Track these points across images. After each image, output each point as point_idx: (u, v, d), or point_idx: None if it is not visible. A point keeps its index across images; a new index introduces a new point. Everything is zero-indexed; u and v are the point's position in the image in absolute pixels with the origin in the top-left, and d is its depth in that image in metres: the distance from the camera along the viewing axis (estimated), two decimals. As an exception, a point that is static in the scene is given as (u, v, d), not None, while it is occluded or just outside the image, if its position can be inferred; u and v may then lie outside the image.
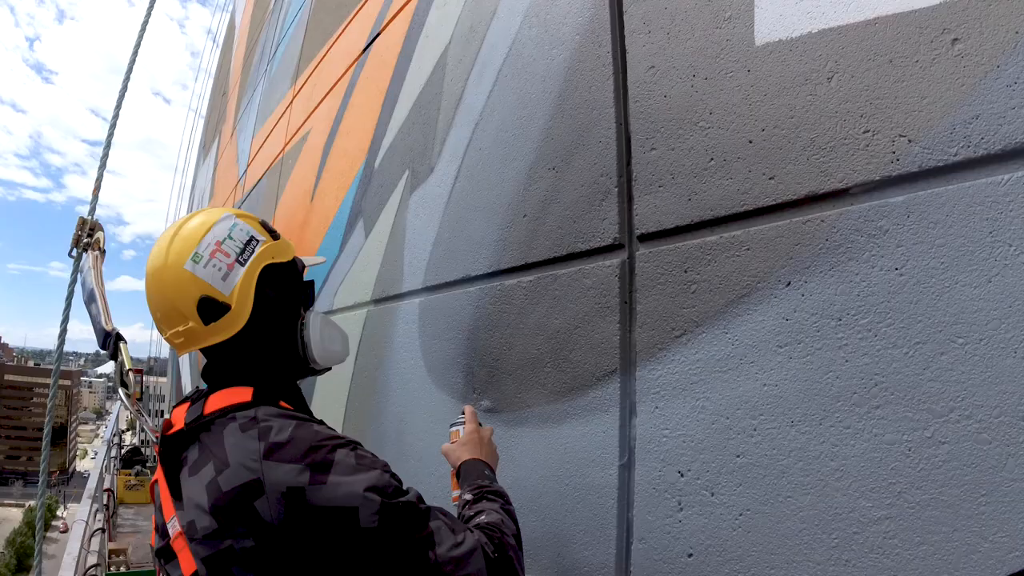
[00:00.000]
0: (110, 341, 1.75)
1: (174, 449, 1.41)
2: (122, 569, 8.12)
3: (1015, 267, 0.97)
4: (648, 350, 1.55)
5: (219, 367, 1.50)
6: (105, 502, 9.67)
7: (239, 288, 1.44)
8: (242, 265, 1.45)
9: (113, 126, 4.13)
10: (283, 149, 5.55)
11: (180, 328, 1.44)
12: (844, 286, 1.18)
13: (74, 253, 3.01)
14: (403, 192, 2.93)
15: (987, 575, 0.96)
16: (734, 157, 1.39)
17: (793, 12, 1.30)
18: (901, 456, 1.08)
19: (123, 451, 14.81)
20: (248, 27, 10.34)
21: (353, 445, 1.33)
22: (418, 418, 2.56)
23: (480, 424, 1.78)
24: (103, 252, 2.54)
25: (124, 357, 1.72)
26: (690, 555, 1.40)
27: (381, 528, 1.23)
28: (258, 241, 1.51)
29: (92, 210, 3.37)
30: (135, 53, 4.60)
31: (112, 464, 12.47)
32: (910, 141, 1.10)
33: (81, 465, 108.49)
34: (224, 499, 1.24)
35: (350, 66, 4.00)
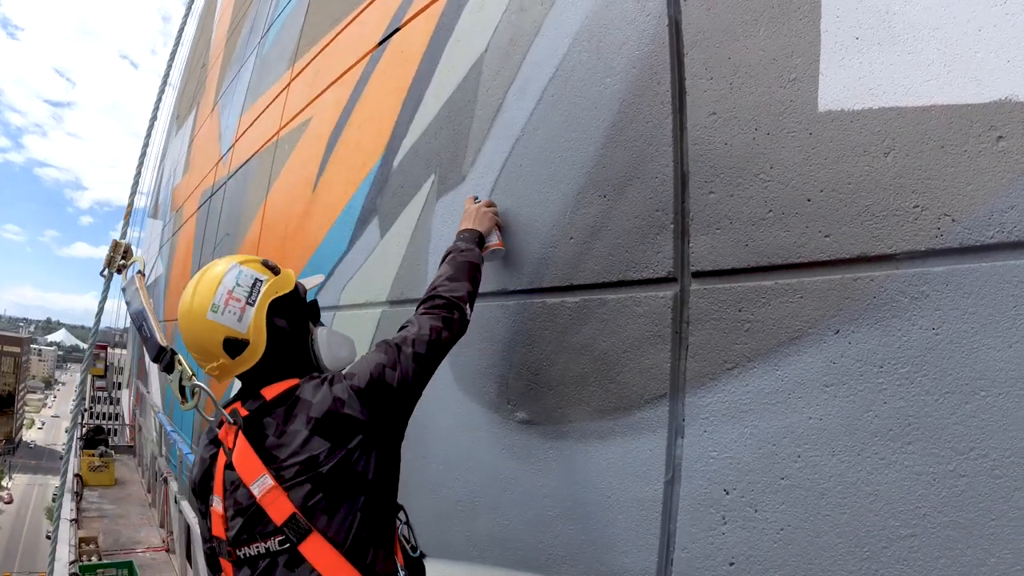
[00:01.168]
0: (165, 356, 2.07)
1: (249, 430, 1.88)
2: (94, 559, 8.19)
3: (1034, 337, 1.27)
4: (698, 378, 1.84)
5: (255, 384, 1.96)
6: (75, 488, 9.72)
7: (253, 324, 1.92)
8: (252, 305, 1.93)
9: (146, 145, 4.32)
10: (277, 133, 5.71)
11: (214, 364, 1.93)
12: (887, 339, 1.47)
13: (106, 273, 3.28)
14: (428, 196, 3.16)
15: None
16: (792, 212, 1.66)
17: (856, 86, 1.57)
18: (927, 485, 1.39)
19: (84, 431, 14.82)
20: (233, 1, 10.43)
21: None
22: (442, 423, 2.81)
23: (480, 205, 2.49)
24: (143, 274, 2.80)
25: (185, 367, 2.02)
26: (732, 563, 1.70)
27: (397, 369, 1.92)
28: (262, 281, 1.98)
29: (124, 234, 3.62)
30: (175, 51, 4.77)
31: (77, 446, 12.53)
32: (953, 220, 1.39)
33: (28, 435, 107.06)
34: (325, 420, 1.81)
35: (363, 57, 4.16)
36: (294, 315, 2.04)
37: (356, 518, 1.79)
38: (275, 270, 2.06)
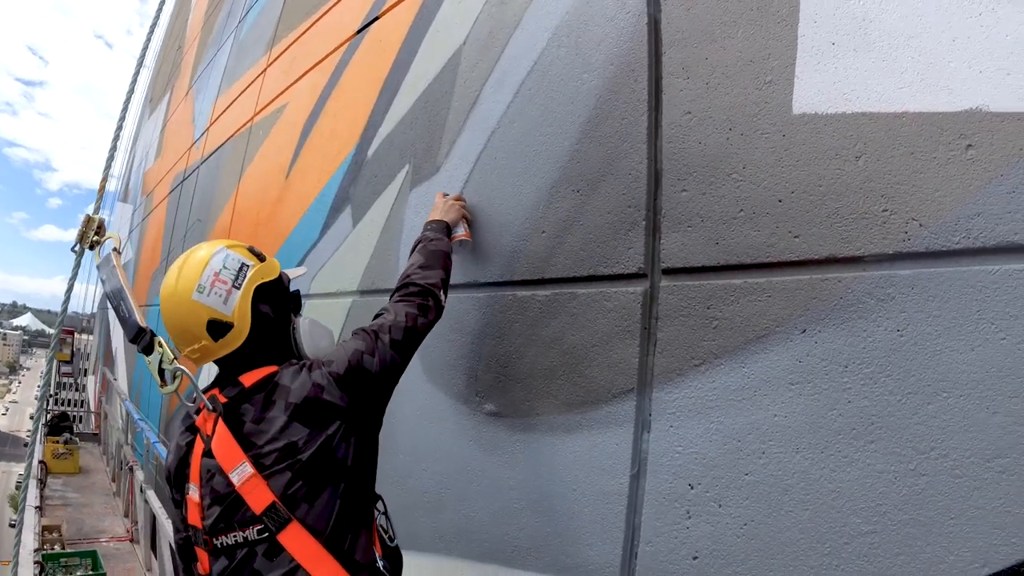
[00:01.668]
0: (144, 337, 2.04)
1: (228, 416, 1.86)
2: (56, 548, 8.07)
3: (995, 342, 1.29)
4: (666, 374, 1.85)
5: (234, 370, 1.94)
6: (39, 475, 9.58)
7: (238, 308, 1.92)
8: (238, 289, 1.93)
9: (122, 119, 4.23)
10: (252, 118, 5.66)
11: (196, 346, 1.92)
12: (853, 339, 1.49)
13: (77, 249, 3.20)
14: (402, 186, 3.15)
15: None
16: (763, 212, 1.68)
17: (830, 90, 1.59)
18: (888, 483, 1.41)
19: (49, 417, 14.59)
20: (213, -19, 10.30)
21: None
22: (410, 414, 2.81)
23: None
24: (119, 252, 2.75)
25: (166, 349, 2.00)
26: (695, 558, 1.71)
27: (376, 356, 1.93)
28: (248, 266, 1.99)
29: (97, 208, 3.53)
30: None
31: (41, 432, 12.34)
32: (921, 225, 1.41)
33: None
34: (304, 406, 1.81)
35: (341, 44, 4.13)
36: (278, 302, 2.05)
37: (336, 506, 1.78)
38: (261, 257, 2.06)
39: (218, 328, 1.90)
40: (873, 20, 1.54)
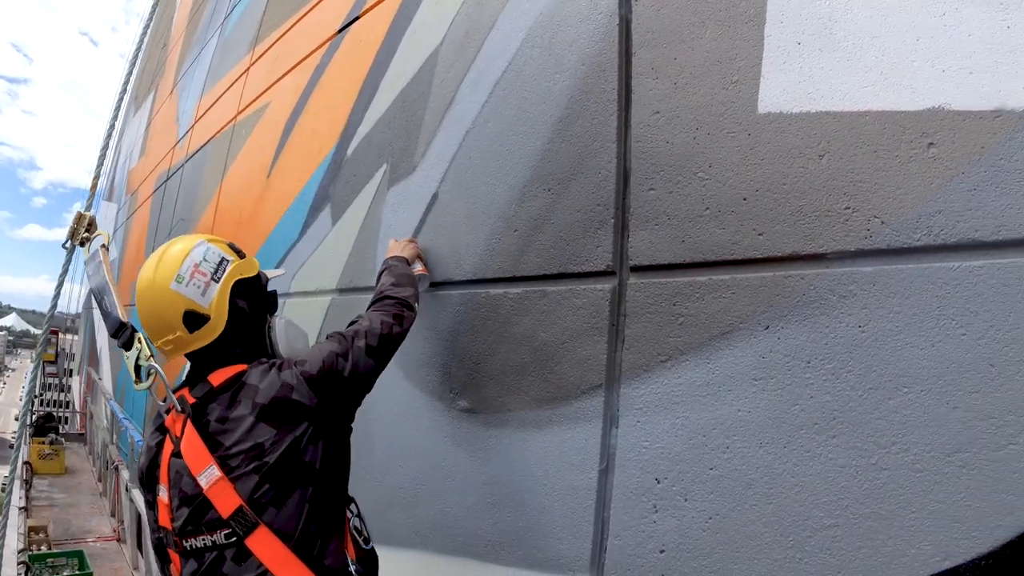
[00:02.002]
0: (124, 332, 2.03)
1: (196, 417, 1.83)
2: (43, 548, 8.00)
3: (955, 337, 1.29)
4: (633, 370, 1.84)
5: (205, 365, 1.92)
6: (25, 476, 9.49)
7: (216, 301, 1.91)
8: (217, 282, 1.92)
9: (115, 118, 4.19)
10: (235, 117, 5.63)
11: (169, 337, 1.89)
12: (815, 335, 1.49)
13: (68, 245, 3.18)
14: (379, 185, 3.13)
15: (913, 573, 1.31)
16: (728, 210, 1.67)
17: (795, 89, 1.59)
18: (850, 477, 1.41)
19: (35, 418, 14.47)
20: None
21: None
22: (387, 412, 2.79)
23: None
24: (107, 248, 2.72)
25: (144, 346, 1.98)
26: (662, 551, 1.71)
27: (349, 360, 1.91)
28: (228, 261, 1.97)
29: (89, 205, 3.50)
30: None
31: (27, 433, 12.23)
32: (883, 223, 1.41)
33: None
34: (272, 405, 1.78)
35: (322, 44, 4.10)
36: (255, 300, 2.03)
37: (304, 510, 1.76)
38: (241, 254, 2.05)
39: (194, 320, 1.88)
40: (838, 20, 1.54)
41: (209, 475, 1.74)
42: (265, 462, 1.73)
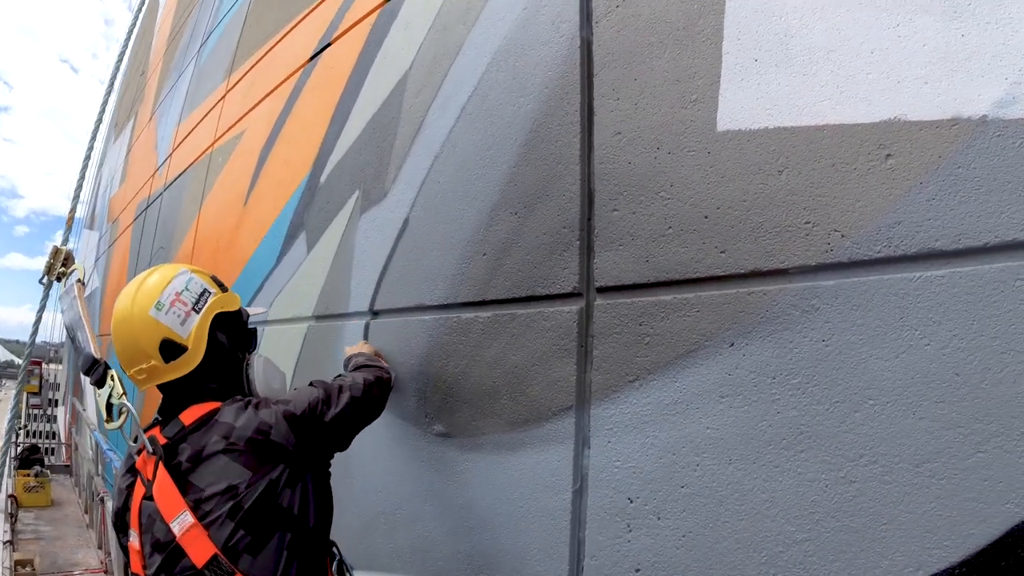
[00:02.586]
0: (97, 369, 1.97)
1: (168, 458, 1.75)
2: None
3: (918, 347, 1.28)
4: (602, 390, 1.82)
5: (179, 400, 1.85)
6: (9, 509, 9.33)
7: (195, 332, 1.84)
8: (197, 313, 1.86)
9: (91, 148, 4.16)
10: (212, 145, 5.59)
11: (144, 366, 1.81)
12: (780, 350, 1.47)
13: (45, 281, 3.13)
14: (352, 211, 3.11)
15: None
16: (690, 228, 1.66)
17: (753, 107, 1.58)
18: (820, 491, 1.38)
19: (19, 450, 14.27)
20: (175, 7, 10.17)
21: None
22: (364, 437, 2.74)
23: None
24: (83, 284, 2.68)
25: (117, 383, 1.92)
26: (638, 570, 1.67)
27: (333, 409, 1.90)
28: (210, 293, 1.92)
29: (65, 240, 3.46)
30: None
31: (11, 465, 12.03)
32: (843, 236, 1.39)
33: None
34: (248, 445, 1.71)
35: (295, 71, 4.09)
36: (234, 335, 1.99)
37: (283, 557, 1.70)
38: (223, 287, 2.01)
39: (171, 349, 1.81)
40: (794, 35, 1.53)
41: (182, 522, 1.66)
42: (240, 505, 1.65)
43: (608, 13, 1.96)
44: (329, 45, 3.71)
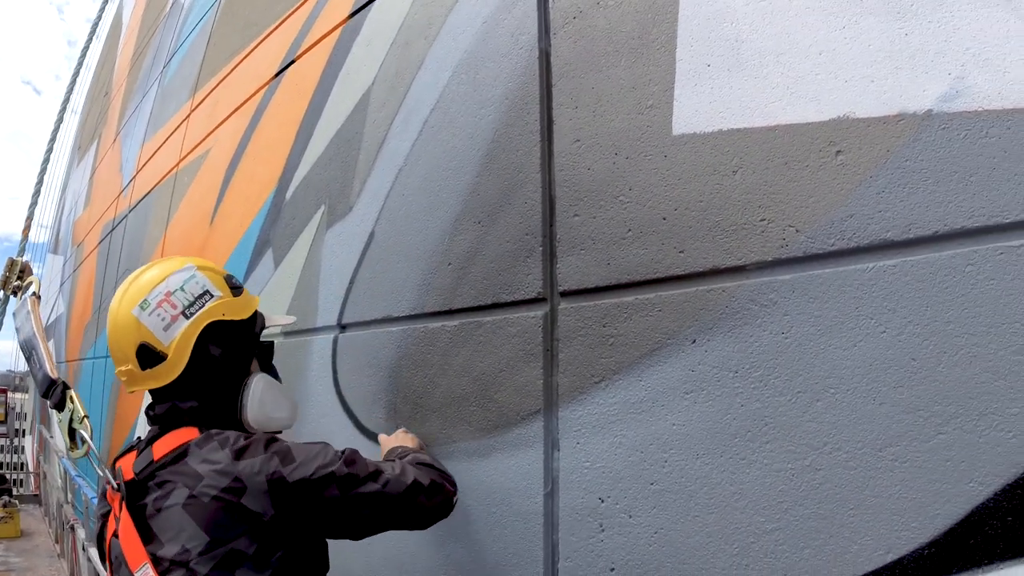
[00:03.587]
0: (55, 391, 1.79)
1: (130, 499, 1.50)
2: None
3: (875, 336, 1.29)
4: (569, 393, 1.82)
5: (161, 415, 1.63)
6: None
7: (178, 340, 1.58)
8: (187, 318, 1.59)
9: (43, 171, 4.08)
10: (177, 164, 5.53)
11: (123, 368, 1.62)
12: (740, 345, 1.48)
13: (0, 296, 2.99)
14: (318, 227, 3.09)
15: (858, 570, 1.29)
16: (649, 230, 1.67)
17: (707, 110, 1.59)
18: (787, 480, 1.39)
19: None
20: (138, 27, 10.04)
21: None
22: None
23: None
24: (38, 297, 2.56)
25: (78, 406, 1.75)
26: (612, 569, 1.67)
27: (343, 496, 1.52)
28: (211, 296, 1.65)
29: (21, 251, 3.34)
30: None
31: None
32: (797, 231, 1.41)
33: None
34: (209, 510, 1.40)
35: (260, 88, 4.07)
36: (235, 348, 1.70)
37: None
38: (236, 290, 1.74)
39: (148, 356, 1.57)
40: (745, 40, 1.55)
41: (144, 575, 1.42)
42: (193, 573, 1.38)
43: (565, 24, 1.97)
44: (293, 62, 3.69)
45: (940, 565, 1.20)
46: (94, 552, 7.38)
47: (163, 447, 1.54)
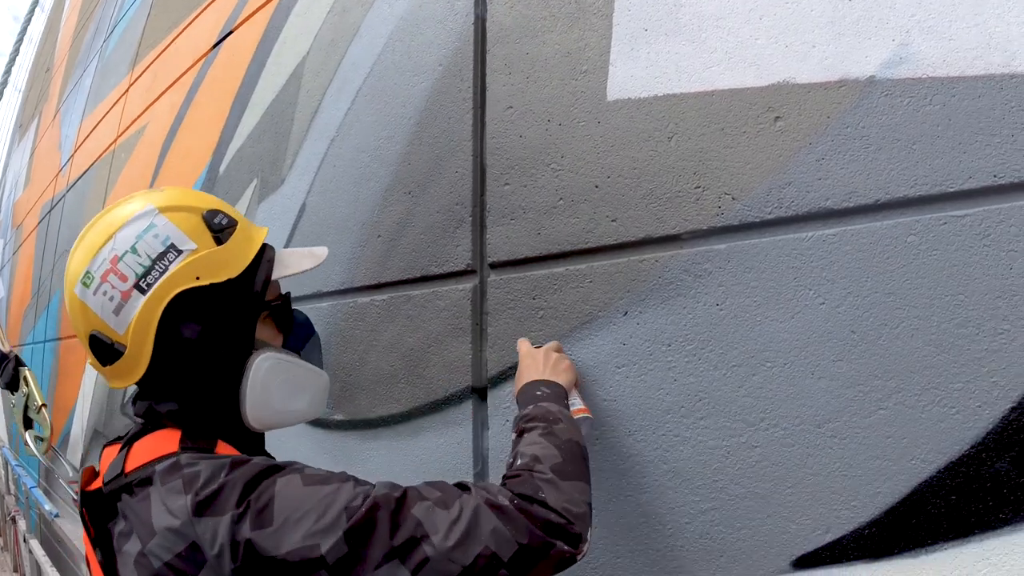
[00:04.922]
0: (6, 366, 1.48)
1: (100, 513, 1.09)
2: None
3: (813, 307, 1.20)
4: (499, 368, 1.70)
5: (140, 409, 1.17)
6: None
7: (135, 324, 1.06)
8: (142, 292, 1.05)
9: None
10: (115, 140, 5.28)
11: (90, 360, 1.15)
12: (673, 317, 1.38)
13: None
14: (251, 201, 2.93)
15: (796, 551, 1.21)
16: (581, 199, 1.56)
17: (643, 75, 1.49)
18: (722, 458, 1.30)
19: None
20: (81, 2, 9.61)
21: (298, 466, 1.09)
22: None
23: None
24: None
25: (32, 388, 1.42)
26: (544, 550, 1.56)
27: (352, 552, 0.95)
28: (179, 252, 1.08)
29: None
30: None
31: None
32: (734, 199, 1.31)
33: None
34: (159, 571, 0.97)
35: (197, 61, 3.87)
36: (221, 322, 1.13)
37: None
38: (223, 232, 1.15)
39: (102, 349, 1.09)
40: (684, 4, 1.45)
41: None
42: None
43: (502, -11, 1.85)
44: (230, 33, 3.51)
45: (881, 545, 1.12)
46: (35, 543, 7.09)
47: (137, 456, 1.08)
